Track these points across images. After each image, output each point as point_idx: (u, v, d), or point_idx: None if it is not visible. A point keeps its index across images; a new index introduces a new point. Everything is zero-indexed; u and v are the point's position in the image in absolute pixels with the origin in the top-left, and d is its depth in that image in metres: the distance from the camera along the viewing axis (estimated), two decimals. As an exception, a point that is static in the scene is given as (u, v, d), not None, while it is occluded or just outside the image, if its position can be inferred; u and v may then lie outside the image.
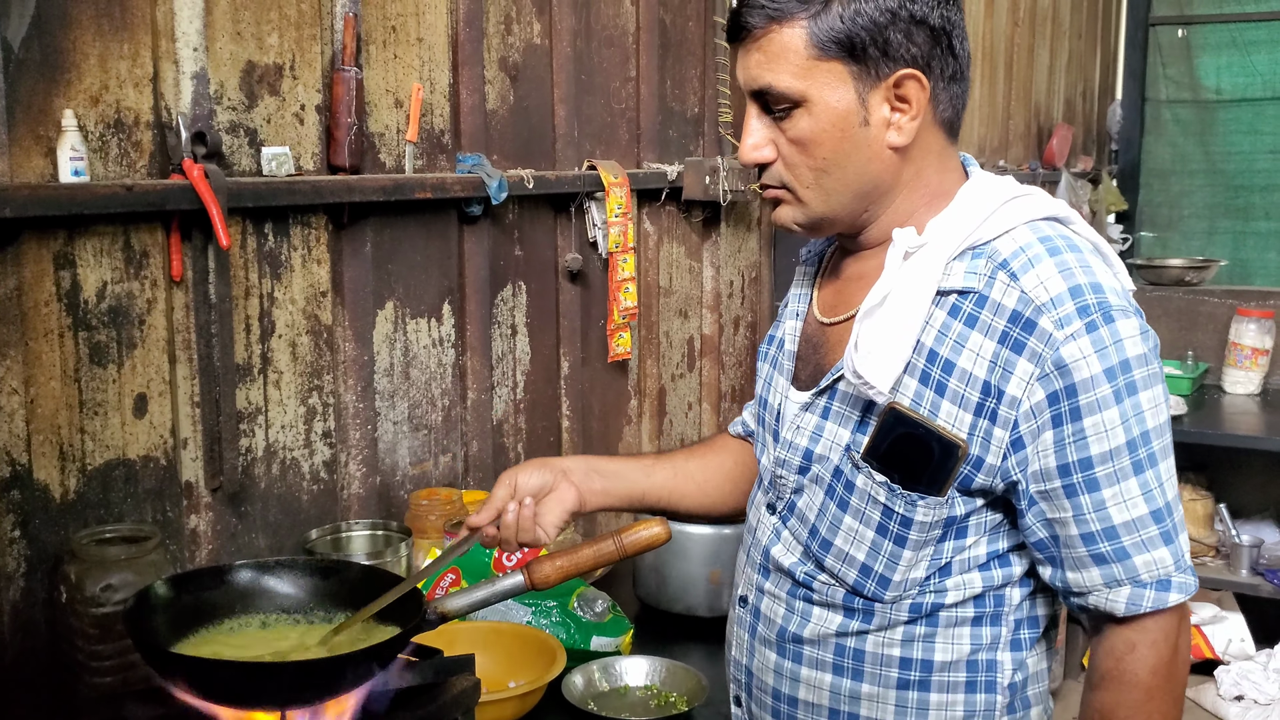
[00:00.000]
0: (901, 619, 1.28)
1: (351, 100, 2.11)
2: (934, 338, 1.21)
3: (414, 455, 2.40)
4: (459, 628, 1.89)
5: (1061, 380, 1.15)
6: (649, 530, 1.41)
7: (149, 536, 1.69)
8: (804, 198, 1.26)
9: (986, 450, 1.19)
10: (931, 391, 1.20)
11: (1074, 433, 1.15)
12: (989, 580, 1.26)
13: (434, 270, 2.40)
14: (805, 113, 1.21)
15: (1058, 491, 1.18)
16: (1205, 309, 4.41)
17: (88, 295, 1.79)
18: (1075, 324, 1.15)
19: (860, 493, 1.25)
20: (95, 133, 1.77)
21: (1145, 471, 1.16)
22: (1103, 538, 1.17)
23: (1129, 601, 1.19)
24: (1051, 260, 1.19)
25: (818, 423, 1.30)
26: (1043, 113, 6.11)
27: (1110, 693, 1.21)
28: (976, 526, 1.24)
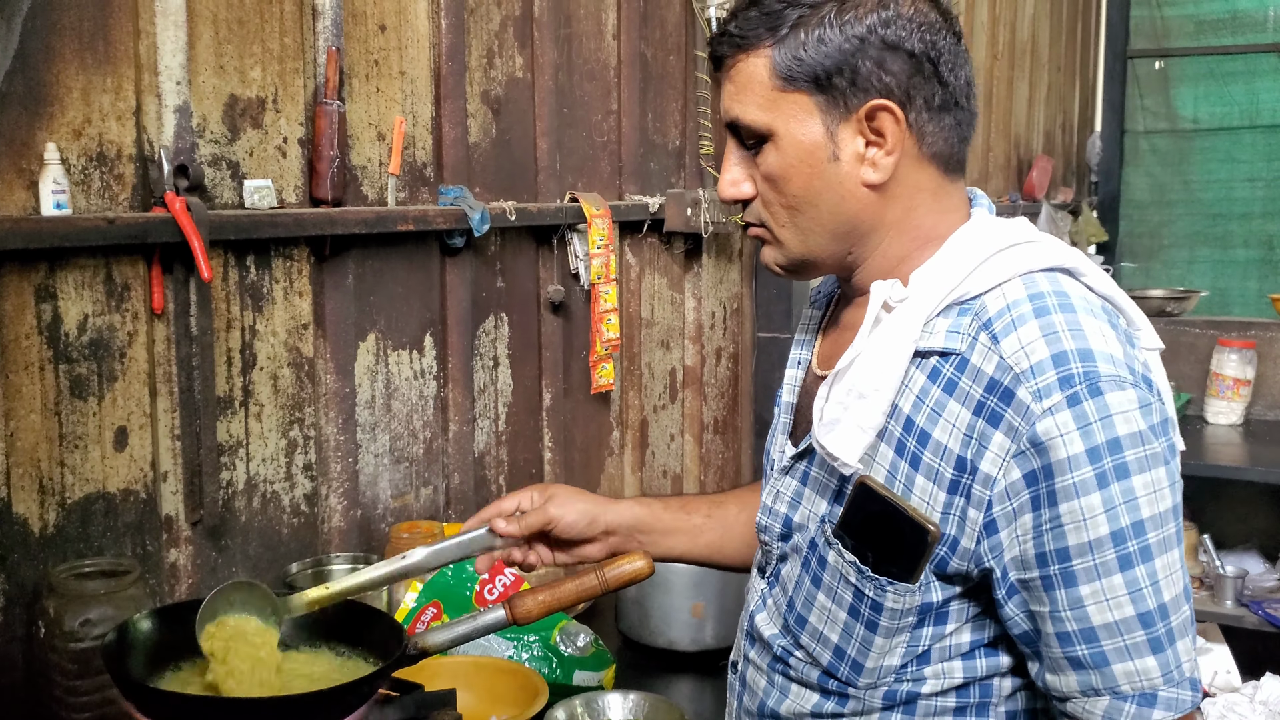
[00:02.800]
0: (875, 706, 1.17)
1: (334, 133, 2.12)
2: (911, 404, 1.09)
3: (395, 488, 2.39)
4: (440, 663, 1.88)
5: (1039, 459, 1.02)
6: (632, 564, 1.41)
7: (128, 570, 1.68)
8: (780, 237, 1.18)
9: (961, 531, 1.07)
10: (906, 464, 1.09)
11: (1051, 519, 1.02)
12: (972, 671, 1.14)
13: (416, 302, 2.40)
14: (773, 147, 1.13)
15: (1036, 583, 1.05)
16: (1186, 340, 4.43)
17: (68, 328, 1.78)
18: (1055, 396, 1.01)
19: (832, 570, 1.15)
20: (78, 165, 1.77)
21: (1135, 567, 1.01)
22: (1080, 640, 1.03)
23: (1105, 715, 1.05)
24: (1037, 321, 1.05)
25: (797, 488, 1.22)
26: (1022, 144, 6.17)
27: None
28: (957, 613, 1.12)
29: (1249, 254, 6.98)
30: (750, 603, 1.34)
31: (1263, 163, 6.93)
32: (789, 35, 1.10)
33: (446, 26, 2.40)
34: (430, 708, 1.40)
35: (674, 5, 3.14)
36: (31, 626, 1.69)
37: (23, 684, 1.72)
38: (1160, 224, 7.31)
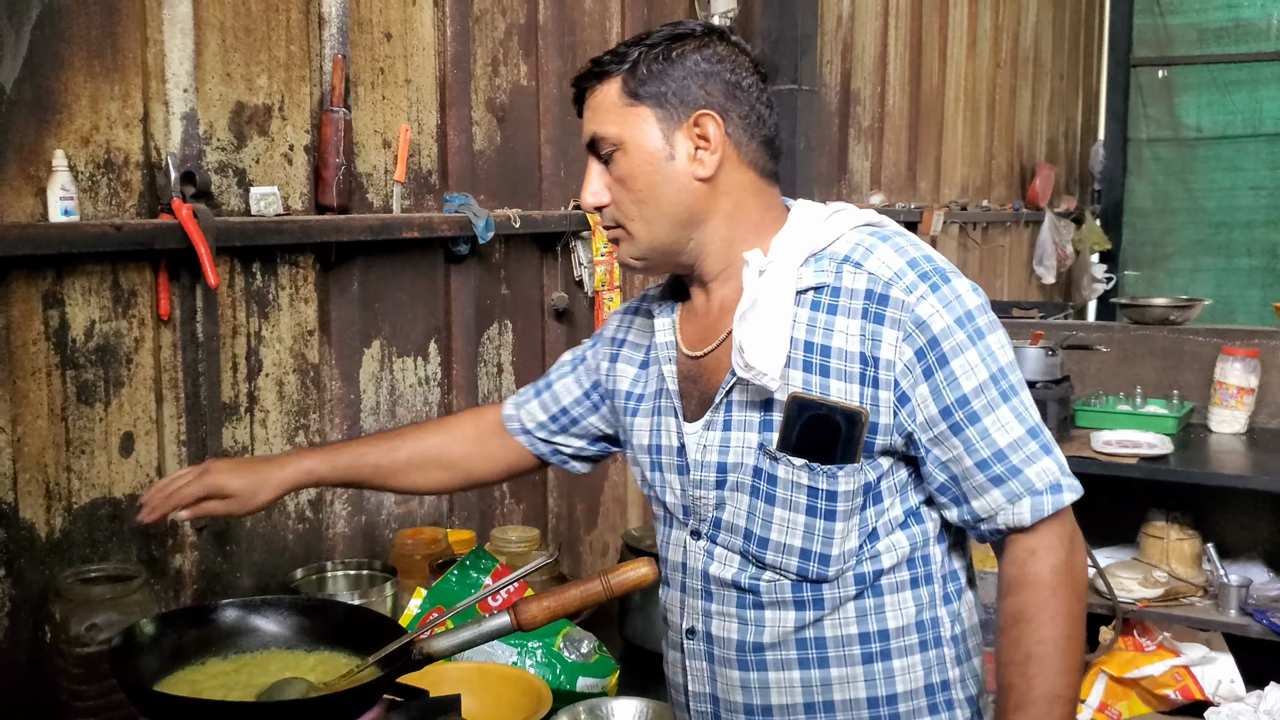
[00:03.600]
0: (850, 594, 1.36)
1: (340, 141, 2.13)
2: (804, 331, 1.34)
3: (399, 496, 2.40)
4: (445, 669, 1.88)
5: (923, 336, 1.29)
6: (636, 571, 1.42)
7: (134, 576, 1.68)
8: (632, 230, 1.38)
9: (878, 414, 1.31)
10: (818, 376, 1.33)
11: (945, 378, 1.29)
12: (912, 538, 1.37)
13: (420, 309, 2.41)
14: (623, 153, 1.36)
15: (945, 433, 1.30)
16: (1190, 348, 4.42)
17: (75, 334, 1.79)
18: (921, 288, 1.30)
19: (784, 482, 1.34)
20: (85, 173, 1.78)
21: (1012, 399, 1.30)
22: (995, 461, 1.30)
23: (1033, 510, 1.30)
24: (885, 245, 1.35)
25: (723, 437, 1.38)
26: (1025, 153, 6.18)
27: (1018, 596, 1.32)
28: (889, 489, 1.35)
29: (1252, 262, 6.98)
30: (695, 565, 1.43)
31: (1266, 171, 6.93)
32: (633, 65, 1.36)
33: (451, 35, 2.41)
34: (435, 713, 1.41)
35: (678, 14, 3.15)
36: (38, 631, 1.69)
37: (27, 688, 1.73)
38: (1163, 232, 7.31)
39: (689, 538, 1.43)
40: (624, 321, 1.62)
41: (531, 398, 1.70)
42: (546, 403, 1.68)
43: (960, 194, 5.36)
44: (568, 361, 1.69)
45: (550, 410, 1.67)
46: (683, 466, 1.43)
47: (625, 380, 1.57)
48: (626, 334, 1.60)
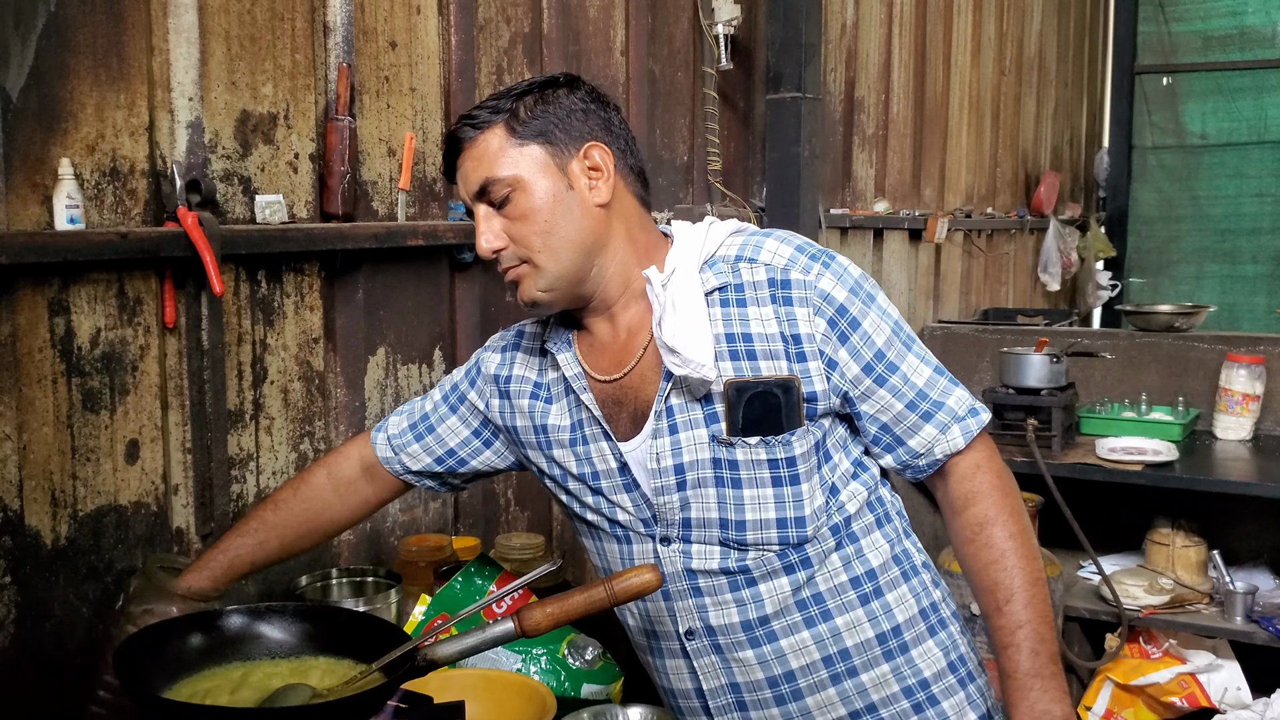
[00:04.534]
0: (830, 547, 1.48)
1: (345, 149, 2.13)
2: (722, 325, 1.45)
3: (404, 502, 2.40)
4: (449, 675, 1.88)
5: (830, 307, 1.43)
6: (640, 578, 1.41)
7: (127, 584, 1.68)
8: (539, 262, 1.44)
9: (812, 383, 1.43)
10: (746, 361, 1.43)
11: (859, 338, 1.44)
12: (865, 484, 1.52)
13: (425, 317, 2.41)
14: (521, 192, 1.43)
15: (871, 387, 1.45)
16: (1195, 355, 4.42)
17: (81, 342, 1.80)
18: (815, 267, 1.44)
19: (745, 464, 1.44)
20: (91, 181, 1.79)
21: (913, 346, 1.48)
22: (919, 400, 1.46)
23: (964, 432, 1.47)
24: (769, 239, 1.49)
25: (672, 441, 1.46)
26: (1030, 160, 6.18)
27: (977, 506, 1.46)
28: (834, 446, 1.49)
29: (1257, 269, 6.97)
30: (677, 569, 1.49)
31: (1271, 178, 6.93)
32: (512, 112, 1.45)
33: (456, 43, 2.41)
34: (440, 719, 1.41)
35: (682, 23, 3.16)
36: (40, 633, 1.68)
37: (32, 694, 1.73)
38: (1168, 239, 7.30)
39: (659, 546, 1.50)
40: (505, 358, 1.66)
41: (411, 440, 1.72)
42: (431, 446, 1.71)
43: (965, 201, 5.36)
44: (442, 401, 1.72)
45: (435, 453, 1.71)
46: (629, 484, 1.50)
47: (524, 416, 1.61)
48: (510, 369, 1.65)
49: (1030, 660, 1.40)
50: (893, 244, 4.64)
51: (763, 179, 3.51)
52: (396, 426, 1.73)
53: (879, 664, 1.49)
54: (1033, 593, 1.43)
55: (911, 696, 1.50)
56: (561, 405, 1.57)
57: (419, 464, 1.72)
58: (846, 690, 1.49)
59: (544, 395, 1.60)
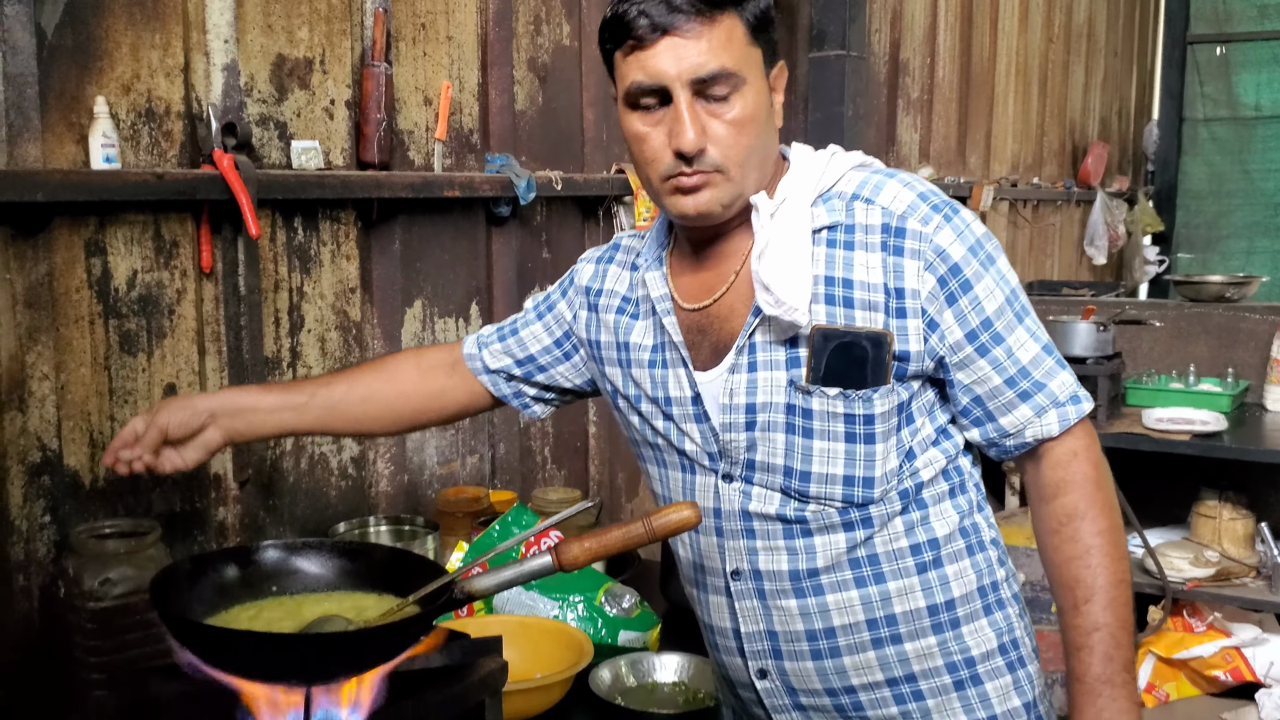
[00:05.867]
0: (896, 510, 1.39)
1: (381, 96, 2.11)
2: (824, 267, 1.36)
3: (442, 455, 2.39)
4: (487, 621, 1.87)
5: (944, 264, 1.33)
6: (679, 514, 1.38)
7: (148, 531, 1.67)
8: (733, 176, 1.34)
9: (907, 341, 1.34)
10: (841, 307, 1.35)
11: (969, 303, 1.34)
12: (945, 452, 1.42)
13: (462, 270, 2.39)
14: (741, 95, 1.31)
15: (972, 355, 1.35)
16: (1246, 326, 4.32)
17: (118, 283, 1.79)
18: (935, 219, 1.33)
19: (820, 414, 1.36)
20: (126, 121, 1.78)
21: (1026, 319, 1.37)
22: (1020, 377, 1.36)
23: (1060, 419, 1.36)
24: (892, 180, 1.37)
25: (749, 379, 1.38)
26: (1078, 131, 6.07)
27: (1068, 496, 1.37)
28: (919, 410, 1.39)
29: (1311, 244, 6.83)
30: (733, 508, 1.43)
31: (1326, 150, 6.77)
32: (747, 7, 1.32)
33: (494, -8, 2.39)
34: (477, 654, 1.39)
35: (723, -22, 3.12)
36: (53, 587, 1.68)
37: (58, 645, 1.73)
38: (1218, 214, 7.16)
39: (720, 481, 1.43)
40: (598, 270, 1.58)
41: (495, 341, 1.65)
42: (512, 348, 1.64)
43: (1010, 170, 5.28)
44: (531, 309, 1.65)
45: (516, 356, 1.64)
46: (700, 415, 1.43)
47: (609, 331, 1.54)
48: (602, 283, 1.57)
49: (1103, 665, 1.33)
50: (936, 212, 4.58)
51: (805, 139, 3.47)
52: (487, 330, 1.69)
53: (926, 635, 1.41)
54: (1114, 595, 1.35)
55: (955, 673, 1.42)
56: (646, 324, 1.49)
57: (498, 362, 1.65)
58: (887, 656, 1.41)
59: (630, 311, 1.52)
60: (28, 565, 1.71)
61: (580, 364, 1.62)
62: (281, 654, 1.23)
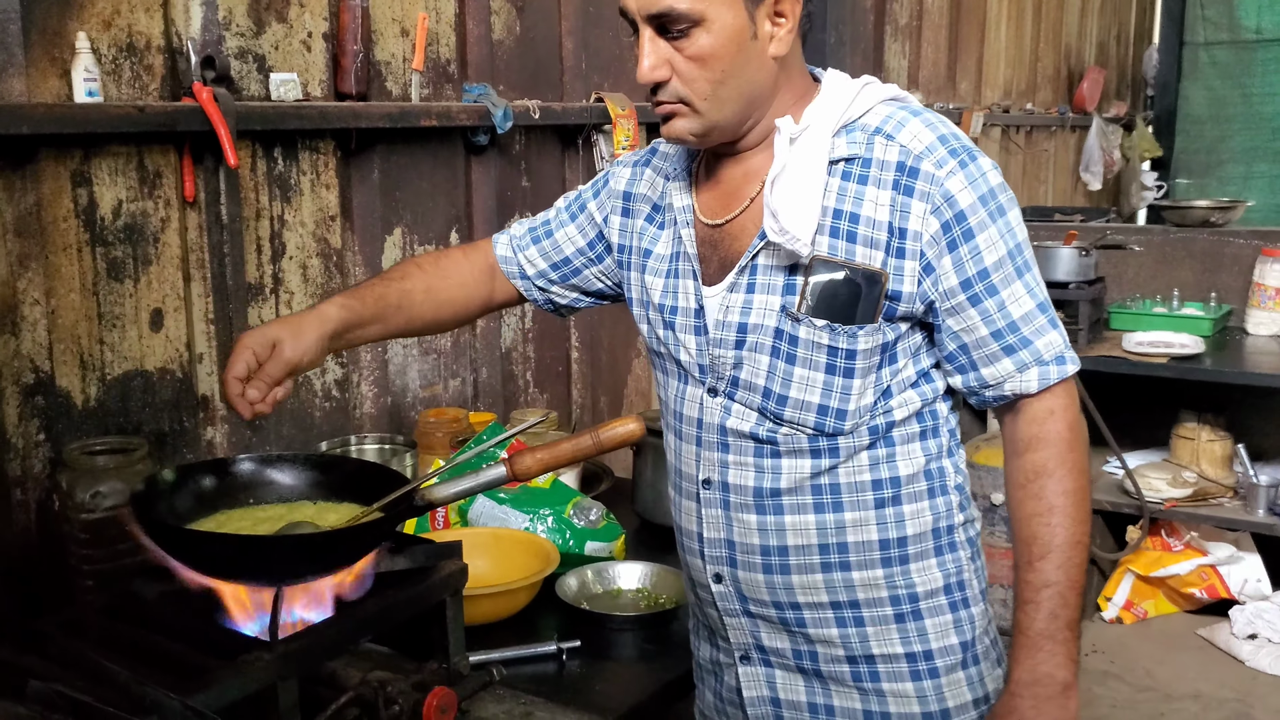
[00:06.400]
0: (864, 444, 1.44)
1: (358, 28, 2.17)
2: (835, 199, 1.38)
3: (424, 378, 2.48)
4: (461, 533, 1.98)
5: (950, 210, 1.35)
6: (625, 427, 1.48)
7: (137, 447, 1.77)
8: (700, 109, 1.37)
9: (901, 282, 1.37)
10: (844, 241, 1.38)
11: (969, 251, 1.36)
12: (923, 395, 1.45)
13: (441, 198, 2.46)
14: (704, 31, 1.32)
15: (964, 304, 1.38)
16: (1230, 250, 4.37)
17: (104, 212, 1.87)
18: (950, 163, 1.35)
19: (805, 343, 1.40)
20: (108, 56, 1.85)
21: (1025, 274, 1.38)
22: (1008, 331, 1.38)
23: (1040, 378, 1.39)
24: (916, 119, 1.39)
25: (745, 299, 1.43)
26: (1073, 56, 6.05)
27: (1039, 452, 1.41)
28: (903, 351, 1.43)
29: (1309, 168, 6.82)
30: (712, 420, 1.48)
31: (1327, 74, 6.73)
32: None
33: (470, -76, 2.43)
34: (439, 557, 1.49)
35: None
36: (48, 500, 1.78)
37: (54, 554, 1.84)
38: (1217, 139, 7.13)
39: (705, 394, 1.48)
40: (634, 175, 1.61)
41: (530, 244, 1.69)
42: (547, 251, 1.68)
43: (1003, 96, 5.28)
44: (564, 209, 1.68)
45: (551, 259, 1.68)
46: (700, 327, 1.48)
47: (636, 236, 1.58)
48: (635, 187, 1.60)
49: (1047, 621, 1.39)
50: (925, 139, 4.60)
51: (787, 68, 3.50)
52: (519, 230, 1.72)
53: (874, 567, 1.46)
54: (1069, 555, 1.39)
55: (897, 605, 1.47)
56: (668, 234, 1.53)
57: (534, 268, 1.68)
58: (834, 581, 1.47)
59: (658, 221, 1.56)
60: (24, 480, 1.81)
61: (612, 266, 1.65)
62: (251, 555, 1.34)
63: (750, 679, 1.53)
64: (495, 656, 1.65)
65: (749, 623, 1.51)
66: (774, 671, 1.52)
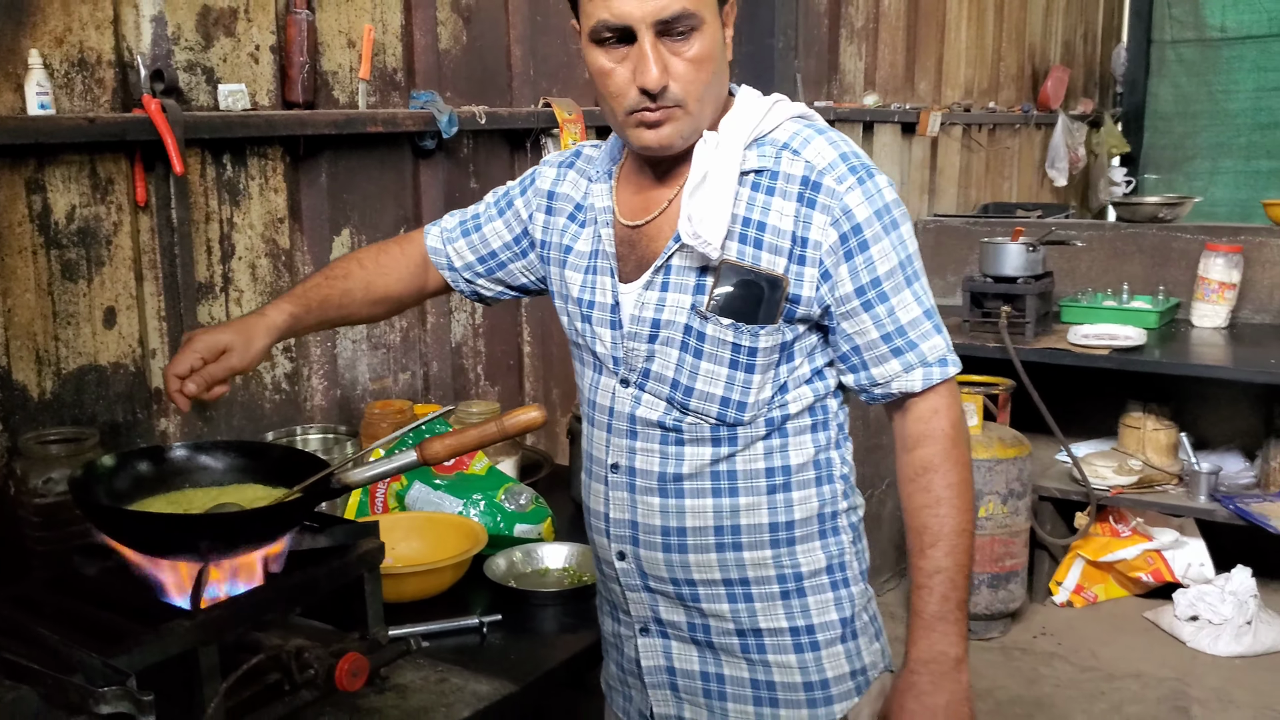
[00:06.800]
0: (760, 435, 1.55)
1: (304, 41, 2.30)
2: (744, 208, 1.49)
3: (374, 371, 2.61)
4: (398, 517, 2.10)
5: (848, 222, 1.46)
6: (527, 415, 1.61)
7: (88, 437, 1.90)
8: (693, 110, 1.46)
9: (801, 287, 1.48)
10: (751, 248, 1.48)
11: (863, 261, 1.47)
12: (816, 391, 1.57)
13: (389, 200, 2.59)
14: (700, 34, 1.42)
15: (857, 309, 1.49)
16: (1178, 245, 4.49)
17: (58, 217, 2.00)
18: (850, 179, 1.46)
19: (712, 339, 1.51)
20: (60, 70, 1.97)
21: (914, 284, 1.51)
22: (897, 335, 1.50)
23: (924, 379, 1.52)
24: (821, 137, 1.50)
25: (660, 297, 1.53)
26: (1038, 55, 6.17)
27: (926, 449, 1.54)
28: (800, 350, 1.54)
29: (1272, 164, 6.94)
30: (622, 409, 1.59)
31: (1289, 71, 6.85)
32: None
33: (414, -62, 2.55)
34: (357, 536, 1.62)
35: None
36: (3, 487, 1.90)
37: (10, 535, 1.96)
38: (1184, 135, 7.25)
39: (618, 385, 1.59)
40: (559, 175, 1.71)
41: (459, 236, 1.78)
42: (475, 244, 1.77)
43: (964, 96, 5.40)
44: (493, 204, 1.77)
45: (479, 252, 1.77)
46: (615, 322, 1.58)
47: (558, 234, 1.68)
48: (558, 187, 1.70)
49: (939, 604, 1.51)
50: (884, 137, 4.72)
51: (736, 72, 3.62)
52: (449, 222, 1.81)
53: (763, 548, 1.56)
54: (956, 542, 1.52)
55: (783, 584, 1.58)
56: (589, 232, 1.62)
57: (461, 260, 1.78)
58: (726, 560, 1.57)
59: (579, 219, 1.65)
60: (-17, 468, 1.94)
61: (535, 262, 1.74)
62: (178, 533, 1.46)
63: (649, 650, 1.65)
64: (418, 630, 1.77)
65: (649, 597, 1.62)
66: (670, 643, 1.63)
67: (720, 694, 1.61)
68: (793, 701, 1.60)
